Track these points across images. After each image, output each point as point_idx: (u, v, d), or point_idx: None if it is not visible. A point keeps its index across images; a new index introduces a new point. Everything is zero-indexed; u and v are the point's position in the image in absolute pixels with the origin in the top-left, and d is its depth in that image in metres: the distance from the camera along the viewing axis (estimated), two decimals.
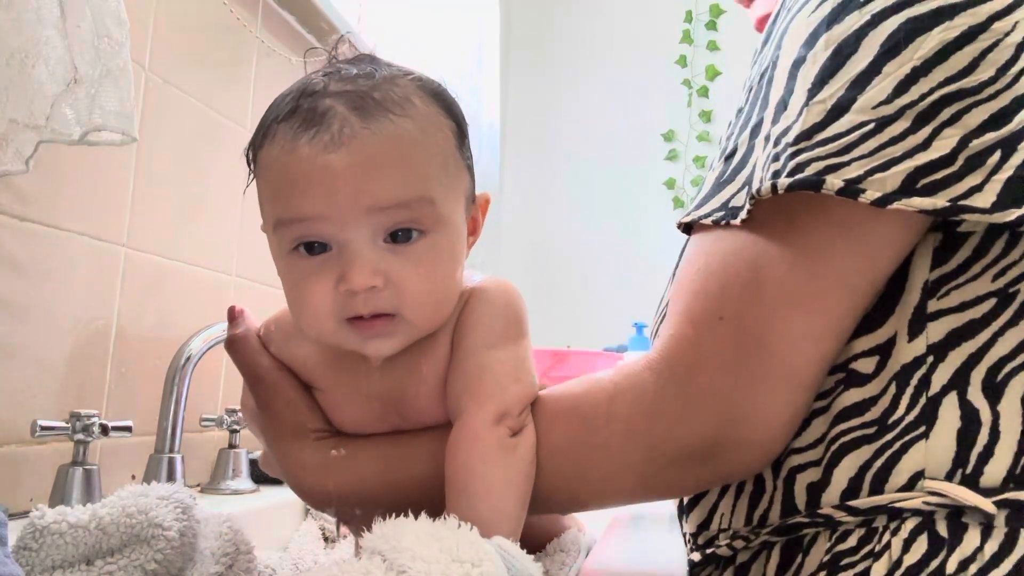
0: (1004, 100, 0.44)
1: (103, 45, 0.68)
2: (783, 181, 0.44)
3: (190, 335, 0.86)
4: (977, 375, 0.46)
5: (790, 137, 0.46)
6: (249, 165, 0.50)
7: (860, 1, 0.46)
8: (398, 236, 0.47)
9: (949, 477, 0.45)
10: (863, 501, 0.46)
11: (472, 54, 2.17)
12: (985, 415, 0.45)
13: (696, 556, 0.55)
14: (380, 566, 0.37)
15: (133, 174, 0.90)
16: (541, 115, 2.75)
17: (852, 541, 0.46)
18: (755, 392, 0.47)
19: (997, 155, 0.44)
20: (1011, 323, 0.46)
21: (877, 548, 0.45)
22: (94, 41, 0.68)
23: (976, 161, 0.44)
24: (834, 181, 0.44)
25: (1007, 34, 0.45)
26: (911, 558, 0.44)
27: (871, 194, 0.43)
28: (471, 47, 2.17)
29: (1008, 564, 0.42)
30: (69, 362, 0.81)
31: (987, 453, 0.45)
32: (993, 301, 0.46)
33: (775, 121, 0.47)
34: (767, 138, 0.47)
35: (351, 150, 0.45)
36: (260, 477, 0.99)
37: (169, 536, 0.50)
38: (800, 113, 0.46)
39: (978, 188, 0.43)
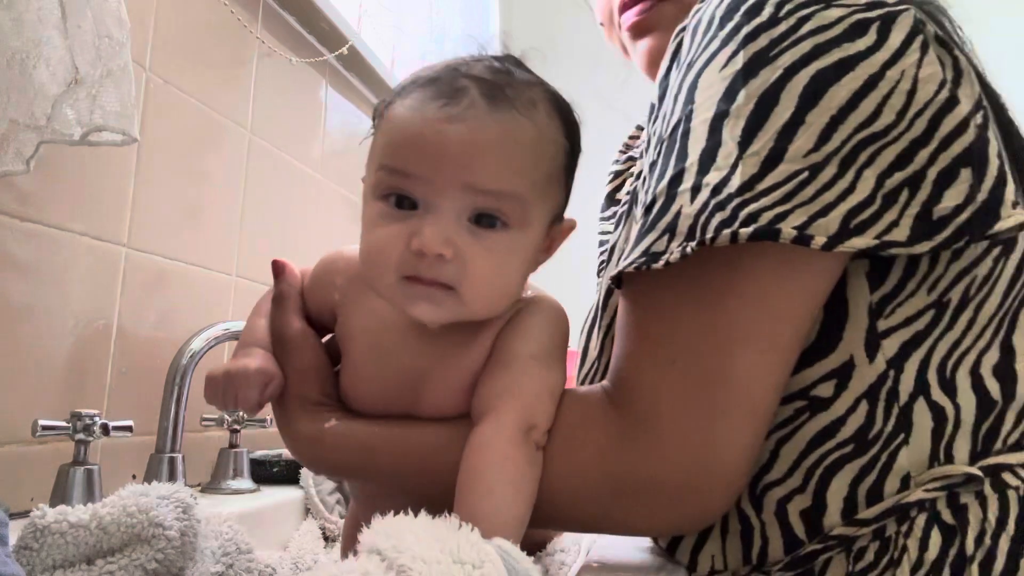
0: (905, 142, 0.47)
1: (104, 45, 0.69)
2: (744, 231, 0.45)
3: (190, 335, 0.87)
4: (933, 377, 0.50)
5: (732, 187, 0.47)
6: (374, 119, 0.53)
7: (770, 56, 0.49)
8: (482, 220, 0.48)
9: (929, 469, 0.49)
10: (869, 512, 0.48)
11: (471, 54, 2.17)
12: (950, 411, 0.49)
13: None
14: (380, 566, 0.37)
15: (133, 174, 0.90)
16: None
17: (870, 556, 0.48)
18: (720, 428, 0.47)
19: (906, 193, 0.47)
20: (948, 327, 0.51)
21: (896, 555, 0.47)
22: (95, 41, 0.68)
23: (891, 199, 0.47)
24: (788, 230, 0.45)
25: (898, 81, 0.48)
26: (931, 554, 0.47)
27: (819, 239, 0.45)
28: (470, 48, 2.17)
29: (1012, 523, 0.47)
30: (70, 362, 0.81)
31: (951, 442, 0.49)
32: (932, 312, 0.51)
33: (703, 171, 0.48)
34: (697, 188, 0.48)
35: (470, 128, 0.47)
36: (260, 477, 0.99)
37: (170, 536, 0.50)
38: (735, 165, 0.47)
39: (895, 223, 0.47)
